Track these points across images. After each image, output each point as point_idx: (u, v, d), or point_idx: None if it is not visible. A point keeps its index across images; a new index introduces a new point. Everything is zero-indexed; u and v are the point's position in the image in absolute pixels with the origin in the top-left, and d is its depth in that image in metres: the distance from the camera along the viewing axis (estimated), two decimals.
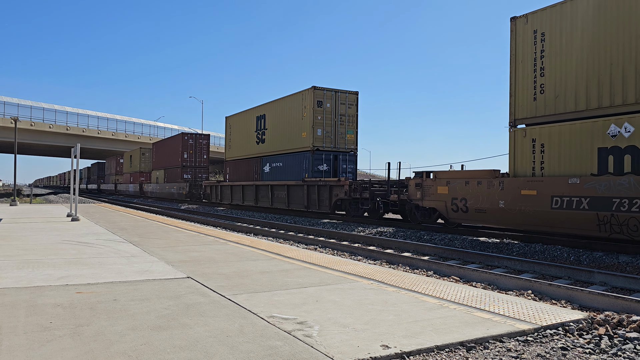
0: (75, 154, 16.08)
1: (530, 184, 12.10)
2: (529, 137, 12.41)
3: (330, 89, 22.80)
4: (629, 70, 10.51)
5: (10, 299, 4.87)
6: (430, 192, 15.26)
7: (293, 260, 7.67)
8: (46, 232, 11.43)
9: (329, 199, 20.73)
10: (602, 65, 11.02)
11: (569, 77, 11.64)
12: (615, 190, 10.40)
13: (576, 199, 11.04)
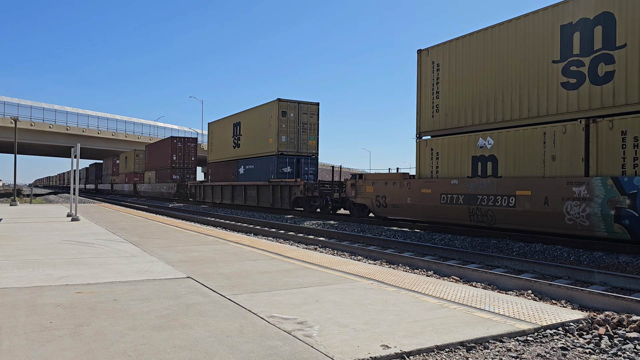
0: (75, 154, 16.08)
1: (427, 184, 15.59)
2: (429, 146, 15.90)
3: (294, 100, 26.10)
4: (490, 98, 13.90)
5: (10, 298, 4.87)
6: (362, 191, 18.87)
7: (293, 260, 7.67)
8: (46, 232, 11.43)
9: (289, 197, 24.14)
10: (474, 92, 14.43)
11: (454, 100, 15.13)
12: (479, 189, 13.75)
13: (455, 195, 14.51)
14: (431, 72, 15.80)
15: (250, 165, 28.48)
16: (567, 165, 11.72)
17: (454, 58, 15.08)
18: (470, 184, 14.01)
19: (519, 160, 12.80)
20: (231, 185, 30.25)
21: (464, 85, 14.67)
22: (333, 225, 18.16)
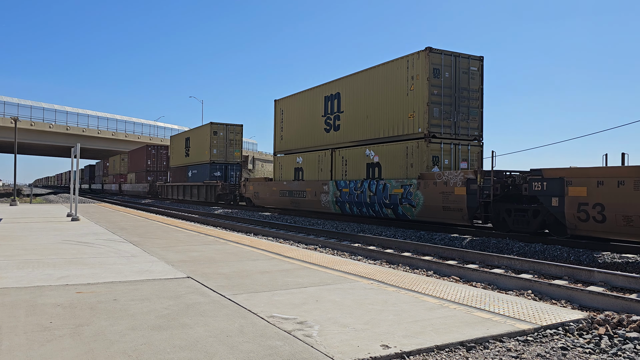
0: (75, 154, 16.08)
1: (276, 184, 25.45)
2: (277, 161, 26.04)
3: (222, 123, 35.29)
4: (303, 133, 23.72)
5: (10, 298, 4.87)
6: (248, 189, 28.75)
7: (293, 260, 7.67)
8: (46, 232, 11.43)
9: (214, 194, 33.64)
10: (298, 128, 24.11)
11: (290, 132, 24.96)
12: (294, 187, 23.52)
13: (286, 191, 24.38)
14: (280, 114, 25.71)
15: (194, 170, 37.67)
16: (325, 174, 21.48)
17: (291, 106, 24.77)
18: (291, 184, 23.71)
19: (312, 171, 22.48)
20: (183, 185, 39.81)
21: (295, 124, 24.33)
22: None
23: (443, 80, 16.44)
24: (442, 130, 16.47)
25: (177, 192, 40.85)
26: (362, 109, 19.48)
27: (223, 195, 32.84)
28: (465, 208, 14.22)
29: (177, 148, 42.52)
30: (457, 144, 16.69)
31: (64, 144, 62.41)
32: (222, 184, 32.86)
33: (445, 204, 14.91)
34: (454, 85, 16.61)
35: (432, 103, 16.25)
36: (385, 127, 18.16)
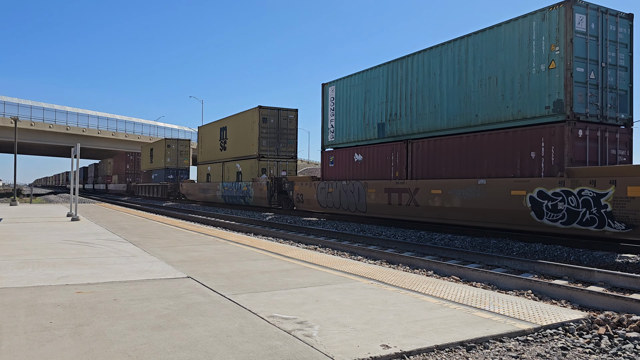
0: (75, 153, 16.07)
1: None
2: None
3: (171, 138, 46.81)
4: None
5: (10, 298, 4.87)
6: (183, 188, 39.61)
7: (293, 260, 7.67)
8: (46, 231, 11.43)
9: (166, 192, 44.23)
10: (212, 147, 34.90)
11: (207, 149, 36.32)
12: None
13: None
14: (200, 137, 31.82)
15: (156, 173, 48.92)
16: (219, 178, 32.67)
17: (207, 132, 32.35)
18: (204, 184, 32.47)
19: (214, 175, 34.45)
20: (148, 185, 50.34)
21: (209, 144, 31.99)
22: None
23: (269, 125, 28.25)
24: (268, 153, 28.56)
25: (145, 190, 51.68)
26: (234, 139, 31.22)
27: (171, 192, 43.91)
28: (266, 197, 25.94)
29: (145, 156, 54.06)
30: (279, 161, 28.76)
31: (64, 144, 62.39)
32: (170, 184, 43.92)
33: (260, 195, 26.51)
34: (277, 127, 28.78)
35: (261, 137, 27.96)
36: (243, 150, 29.70)
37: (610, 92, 12.59)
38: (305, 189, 22.01)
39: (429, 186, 15.17)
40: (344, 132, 20.15)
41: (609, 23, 12.58)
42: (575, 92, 12.01)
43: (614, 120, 12.66)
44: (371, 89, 18.58)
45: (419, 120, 16.28)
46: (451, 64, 15.15)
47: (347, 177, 19.73)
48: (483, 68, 14.08)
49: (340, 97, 20.39)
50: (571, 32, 11.95)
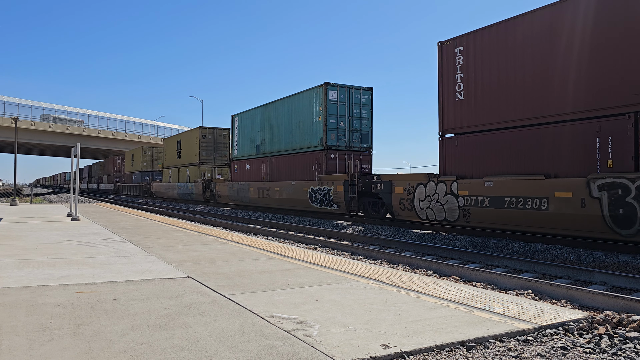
0: (75, 153, 16.07)
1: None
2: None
3: (148, 144, 56.64)
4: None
5: (10, 298, 4.87)
6: (152, 187, 47.43)
7: (293, 259, 7.67)
8: (46, 231, 11.43)
9: (142, 191, 51.19)
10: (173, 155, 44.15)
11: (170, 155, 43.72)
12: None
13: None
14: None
15: (135, 175, 55.94)
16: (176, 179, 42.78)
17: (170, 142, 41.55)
18: (167, 184, 43.82)
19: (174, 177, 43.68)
20: (129, 185, 57.26)
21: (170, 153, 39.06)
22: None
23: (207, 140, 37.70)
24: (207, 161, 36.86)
25: (127, 189, 58.68)
26: (185, 150, 39.76)
27: (145, 191, 50.46)
28: (202, 194, 34.26)
29: (128, 160, 60.85)
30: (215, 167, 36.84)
31: (64, 144, 62.42)
32: (145, 184, 50.78)
33: (199, 192, 35.14)
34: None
35: (201, 150, 37.02)
36: (190, 159, 38.11)
37: (355, 132, 22.19)
38: (222, 187, 31.48)
39: (276, 185, 24.84)
40: (241, 149, 29.81)
41: (354, 94, 22.08)
42: (328, 133, 21.58)
43: (358, 148, 22.33)
44: (254, 122, 27.98)
45: (274, 144, 25.92)
46: (286, 112, 24.84)
47: (242, 179, 29.29)
48: (297, 116, 23.79)
49: (240, 125, 29.95)
50: (326, 100, 21.52)
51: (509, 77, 13.02)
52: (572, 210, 11.18)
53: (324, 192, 20.69)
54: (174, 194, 41.00)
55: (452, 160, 14.68)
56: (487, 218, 13.28)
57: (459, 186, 14.12)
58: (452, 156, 14.72)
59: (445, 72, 14.93)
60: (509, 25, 13.05)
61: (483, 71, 13.75)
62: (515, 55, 12.88)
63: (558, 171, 11.79)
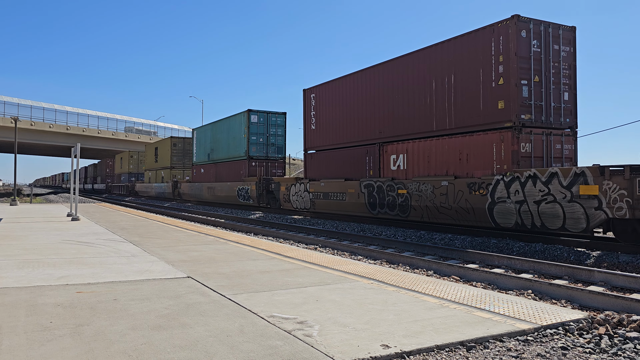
0: (75, 153, 16.07)
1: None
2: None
3: (135, 151, 60.06)
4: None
5: (10, 298, 4.87)
6: (136, 187, 52.71)
7: (293, 259, 7.67)
8: (46, 231, 11.43)
9: (128, 190, 56.24)
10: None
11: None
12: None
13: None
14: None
15: (123, 176, 61.31)
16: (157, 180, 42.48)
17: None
18: (150, 185, 47.77)
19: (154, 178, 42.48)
20: (119, 184, 62.01)
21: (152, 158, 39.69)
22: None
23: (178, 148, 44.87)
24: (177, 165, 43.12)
25: (117, 189, 63.44)
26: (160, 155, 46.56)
27: (131, 190, 55.81)
28: (171, 192, 41.54)
29: (117, 163, 66.01)
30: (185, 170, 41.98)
31: (64, 144, 62.37)
32: (130, 184, 56.17)
33: (169, 191, 41.81)
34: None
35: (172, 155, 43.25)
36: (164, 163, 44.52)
37: (272, 146, 28.98)
38: (185, 187, 38.16)
39: (218, 185, 31.68)
40: (198, 156, 36.88)
41: (271, 117, 28.85)
42: (251, 147, 28.22)
43: (274, 158, 29.16)
44: (207, 136, 34.98)
45: (219, 153, 32.73)
46: (226, 129, 31.52)
47: (199, 180, 36.23)
48: (232, 133, 30.43)
49: (197, 138, 36.98)
50: (248, 122, 28.09)
51: (334, 115, 20.36)
52: (354, 200, 18.45)
53: (245, 190, 27.96)
54: (153, 193, 47.31)
55: (309, 168, 22.18)
56: (323, 206, 20.66)
57: (309, 186, 21.39)
58: (309, 166, 22.22)
59: (306, 109, 22.31)
60: (335, 83, 20.40)
61: (323, 110, 21.29)
62: (337, 102, 20.22)
63: (350, 176, 19.20)
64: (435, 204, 14.63)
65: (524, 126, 12.77)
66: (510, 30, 12.75)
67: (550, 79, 13.27)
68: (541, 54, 13.14)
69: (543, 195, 11.75)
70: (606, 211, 10.43)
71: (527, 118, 12.82)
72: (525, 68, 12.89)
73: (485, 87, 13.48)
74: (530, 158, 12.93)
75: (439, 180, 14.53)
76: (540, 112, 13.08)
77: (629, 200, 10.08)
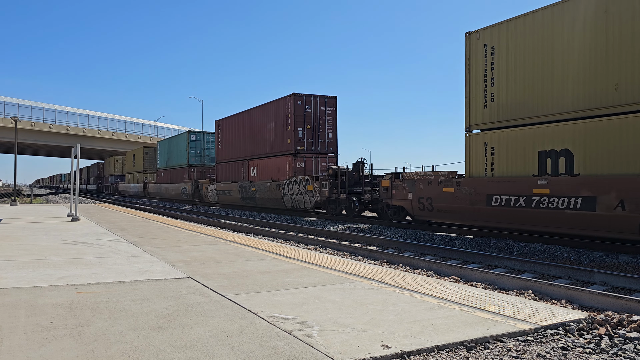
0: (76, 154, 16.07)
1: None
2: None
3: (119, 155, 68.01)
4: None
5: (10, 299, 4.87)
6: (119, 187, 62.79)
7: (293, 260, 7.67)
8: (46, 232, 11.43)
9: (113, 190, 64.65)
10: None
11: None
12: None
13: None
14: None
15: (110, 178, 67.69)
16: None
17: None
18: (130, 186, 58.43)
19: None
20: (107, 185, 69.07)
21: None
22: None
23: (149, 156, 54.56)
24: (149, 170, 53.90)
25: (105, 189, 71.60)
26: (136, 161, 57.16)
27: (115, 190, 63.21)
28: (142, 191, 51.61)
29: (107, 165, 73.63)
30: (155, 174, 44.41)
31: (64, 144, 62.38)
32: (115, 185, 63.52)
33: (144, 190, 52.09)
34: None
35: (145, 162, 53.48)
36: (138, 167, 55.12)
37: (207, 157, 38.77)
38: (151, 187, 47.72)
39: (170, 185, 41.40)
40: (160, 163, 46.86)
41: (205, 136, 39.06)
42: (190, 158, 38.48)
43: (209, 166, 38.38)
44: (165, 147, 44.93)
45: (171, 162, 42.14)
46: (175, 144, 41.17)
47: (160, 182, 45.91)
48: (178, 148, 40.83)
49: (159, 149, 47.21)
50: (188, 141, 38.42)
51: (229, 139, 31.68)
52: (236, 194, 28.96)
53: (185, 189, 38.04)
54: (131, 192, 56.18)
55: (217, 173, 33.78)
56: (223, 199, 31.58)
57: (216, 186, 32.67)
58: (217, 172, 34.12)
59: (216, 134, 33.52)
60: (231, 118, 31.13)
61: (224, 136, 32.36)
62: (231, 131, 31.13)
63: (235, 179, 30.11)
64: (266, 196, 25.80)
65: (298, 153, 23.85)
66: (292, 101, 24.05)
67: (318, 126, 24.33)
68: (311, 112, 24.11)
69: (297, 190, 22.96)
70: (316, 198, 21.62)
71: (301, 149, 23.75)
72: (300, 121, 23.94)
73: (282, 130, 24.91)
74: (304, 170, 23.98)
75: (266, 182, 25.81)
76: (310, 145, 24.15)
77: (323, 192, 21.26)
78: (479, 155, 13.48)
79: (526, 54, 12.38)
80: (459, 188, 13.80)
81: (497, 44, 13.07)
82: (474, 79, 13.69)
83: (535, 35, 12.20)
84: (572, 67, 11.45)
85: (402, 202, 16.26)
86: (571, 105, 11.43)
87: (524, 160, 12.32)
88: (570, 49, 11.50)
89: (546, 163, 11.81)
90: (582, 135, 11.15)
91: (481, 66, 13.48)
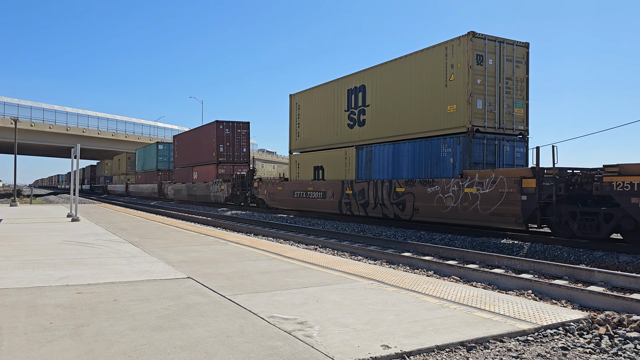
0: (75, 154, 16.07)
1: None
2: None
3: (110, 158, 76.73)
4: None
5: (10, 299, 4.87)
6: (108, 187, 72.80)
7: (293, 260, 7.67)
8: (46, 232, 11.43)
9: (104, 190, 75.80)
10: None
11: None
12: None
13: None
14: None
15: (102, 178, 75.90)
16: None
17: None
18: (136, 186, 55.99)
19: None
20: (98, 185, 76.16)
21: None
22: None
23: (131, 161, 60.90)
24: (130, 172, 59.67)
25: (97, 189, 77.65)
26: (116, 165, 68.08)
27: (105, 190, 69.69)
28: (125, 191, 59.76)
29: (99, 168, 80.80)
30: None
31: (64, 145, 62.39)
32: (105, 185, 70.24)
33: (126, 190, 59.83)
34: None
35: (127, 166, 62.15)
36: (122, 171, 64.79)
37: (172, 163, 46.65)
38: (132, 187, 54.29)
39: (144, 186, 50.01)
40: (138, 167, 53.68)
41: (171, 146, 47.49)
42: (159, 163, 47.47)
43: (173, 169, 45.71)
44: (142, 154, 52.57)
45: (146, 166, 50.37)
46: (149, 152, 50.40)
47: (138, 183, 52.97)
48: (150, 155, 49.67)
49: (138, 155, 54.30)
50: (157, 150, 47.87)
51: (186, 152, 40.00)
52: (204, 192, 34.40)
53: (154, 189, 47.03)
54: (117, 192, 63.38)
55: (174, 176, 44.48)
56: (177, 197, 40.60)
57: (173, 185, 43.10)
58: (174, 175, 44.41)
59: (174, 149, 43.12)
60: (191, 132, 38.98)
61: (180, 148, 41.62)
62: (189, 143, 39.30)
63: (187, 181, 38.79)
64: (201, 193, 34.26)
65: (220, 162, 34.75)
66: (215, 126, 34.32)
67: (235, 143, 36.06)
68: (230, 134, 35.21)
69: (217, 189, 31.53)
70: (226, 194, 30.91)
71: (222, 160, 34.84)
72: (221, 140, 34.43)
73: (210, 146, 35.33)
74: (224, 175, 32.89)
75: (201, 183, 34.20)
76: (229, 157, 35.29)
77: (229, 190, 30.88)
78: (293, 167, 23.19)
79: (309, 111, 22.21)
80: (283, 187, 23.48)
81: (302, 103, 22.82)
82: (293, 122, 23.49)
83: (314, 99, 21.88)
84: (321, 122, 21.29)
85: (262, 196, 26.05)
86: (321, 142, 21.23)
87: (308, 171, 21.80)
88: (325, 112, 21.06)
89: (316, 172, 21.23)
90: (327, 158, 20.54)
91: (295, 114, 23.36)
